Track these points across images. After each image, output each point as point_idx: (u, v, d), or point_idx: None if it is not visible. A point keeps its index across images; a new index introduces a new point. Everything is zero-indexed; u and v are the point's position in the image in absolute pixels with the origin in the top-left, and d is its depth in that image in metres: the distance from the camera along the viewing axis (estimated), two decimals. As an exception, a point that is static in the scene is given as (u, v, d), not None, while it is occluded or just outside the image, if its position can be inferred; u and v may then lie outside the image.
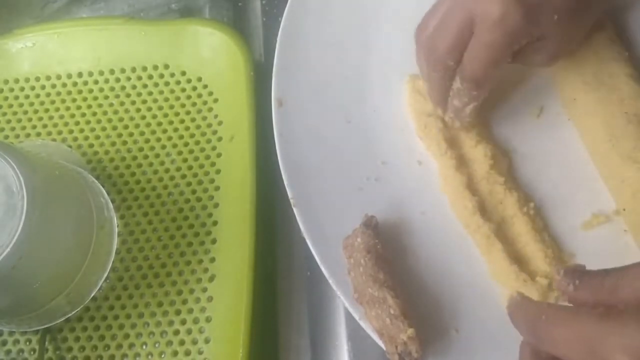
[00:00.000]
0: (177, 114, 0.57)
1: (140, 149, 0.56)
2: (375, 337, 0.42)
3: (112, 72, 0.59)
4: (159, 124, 0.57)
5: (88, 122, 0.58)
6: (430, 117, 0.48)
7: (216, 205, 0.53)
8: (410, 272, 0.45)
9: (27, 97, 0.59)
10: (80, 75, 0.59)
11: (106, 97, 0.59)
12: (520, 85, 0.50)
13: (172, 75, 0.58)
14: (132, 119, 0.58)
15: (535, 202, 0.46)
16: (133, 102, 0.58)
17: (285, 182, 0.47)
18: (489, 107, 0.49)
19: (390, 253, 0.44)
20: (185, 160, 0.55)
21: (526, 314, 0.34)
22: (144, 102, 0.58)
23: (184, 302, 0.51)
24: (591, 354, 0.30)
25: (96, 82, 0.59)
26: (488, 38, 0.41)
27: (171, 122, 0.57)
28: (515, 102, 0.50)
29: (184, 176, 0.55)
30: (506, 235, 0.45)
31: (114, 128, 0.57)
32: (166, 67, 0.59)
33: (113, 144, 0.57)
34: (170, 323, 0.50)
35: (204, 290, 0.51)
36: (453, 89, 0.45)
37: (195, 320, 0.50)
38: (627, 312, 0.31)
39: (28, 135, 0.58)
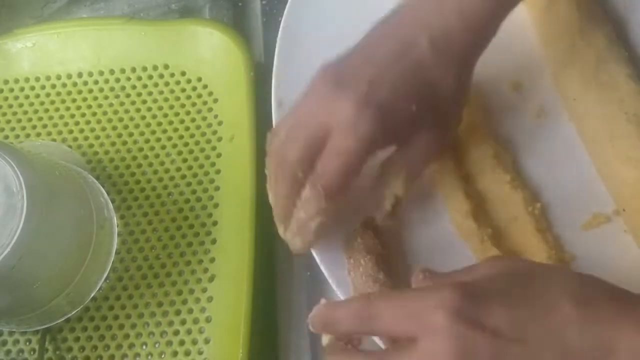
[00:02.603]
0: (177, 114, 0.57)
1: (140, 149, 0.56)
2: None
3: (112, 72, 0.59)
4: (159, 124, 0.57)
5: (88, 122, 0.58)
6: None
7: (216, 206, 0.53)
8: (410, 272, 0.45)
9: (27, 97, 0.59)
10: (80, 75, 0.59)
11: (106, 97, 0.59)
12: (520, 86, 0.50)
13: (172, 75, 0.58)
14: (132, 119, 0.58)
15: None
16: (133, 102, 0.58)
17: (285, 182, 0.47)
18: (489, 107, 0.49)
19: (390, 253, 0.44)
20: (185, 160, 0.55)
21: (347, 310, 0.35)
22: (144, 102, 0.58)
23: (184, 302, 0.51)
24: (414, 318, 0.33)
25: (96, 82, 0.59)
26: (342, 145, 0.39)
27: (171, 122, 0.57)
28: (515, 102, 0.50)
29: (184, 176, 0.55)
30: (506, 236, 0.45)
31: (114, 128, 0.57)
32: (166, 67, 0.59)
33: (113, 144, 0.57)
34: (170, 323, 0.50)
35: (204, 290, 0.51)
36: (301, 199, 0.41)
37: (195, 320, 0.50)
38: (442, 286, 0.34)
39: (28, 135, 0.58)
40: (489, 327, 0.32)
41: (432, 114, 0.41)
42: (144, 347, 0.50)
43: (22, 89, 0.60)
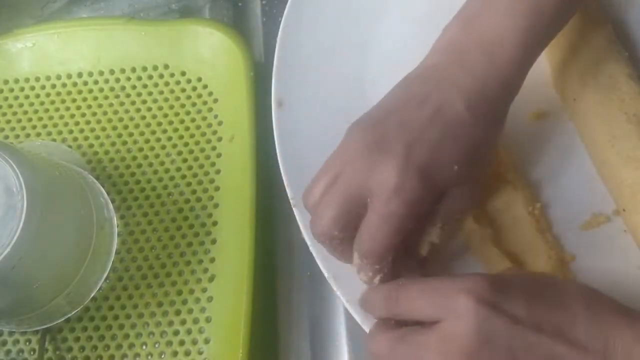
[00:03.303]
0: (177, 114, 0.57)
1: (140, 149, 0.56)
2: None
3: (112, 72, 0.59)
4: (159, 124, 0.57)
5: (88, 122, 0.58)
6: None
7: (216, 206, 0.53)
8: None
9: (27, 97, 0.59)
10: (80, 75, 0.59)
11: (106, 97, 0.59)
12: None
13: (172, 75, 0.58)
14: (132, 119, 0.58)
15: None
16: (133, 102, 0.58)
17: (285, 183, 0.47)
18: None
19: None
20: (185, 160, 0.55)
21: (378, 294, 0.39)
22: (144, 102, 0.58)
23: (184, 302, 0.51)
24: (439, 301, 0.35)
25: (96, 82, 0.59)
26: (387, 209, 0.38)
27: (171, 122, 0.57)
28: (515, 102, 0.50)
29: (184, 176, 0.55)
30: (507, 236, 0.45)
31: (114, 128, 0.57)
32: (166, 67, 0.59)
33: (113, 144, 0.57)
34: (170, 323, 0.50)
35: (204, 290, 0.51)
36: (354, 264, 0.40)
37: (195, 320, 0.50)
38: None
39: (28, 135, 0.58)
40: (509, 313, 0.34)
41: (471, 170, 0.41)
42: (144, 347, 0.50)
43: (22, 89, 0.60)
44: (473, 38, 0.41)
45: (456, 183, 0.40)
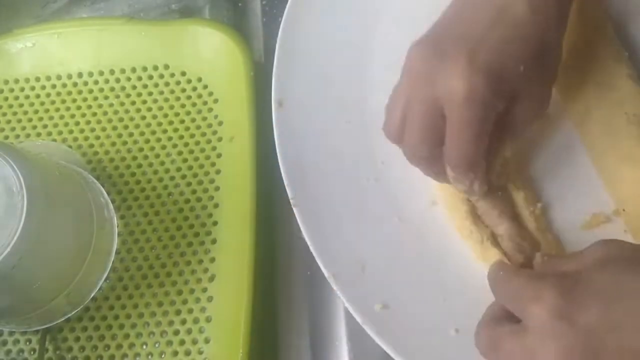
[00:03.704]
0: (177, 114, 0.57)
1: (140, 149, 0.56)
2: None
3: (112, 72, 0.59)
4: (159, 124, 0.57)
5: (88, 122, 0.58)
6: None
7: (216, 206, 0.53)
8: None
9: (27, 97, 0.59)
10: (80, 75, 0.59)
11: (106, 97, 0.59)
12: (520, 85, 0.50)
13: (172, 75, 0.58)
14: (132, 119, 0.58)
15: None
16: (133, 102, 0.58)
17: (285, 182, 0.47)
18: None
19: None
20: (185, 160, 0.55)
21: (489, 275, 0.41)
22: (144, 102, 0.58)
23: (184, 302, 0.51)
24: (519, 303, 0.36)
25: (96, 82, 0.59)
26: (464, 116, 0.38)
27: (171, 122, 0.57)
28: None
29: (184, 176, 0.55)
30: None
31: (114, 128, 0.57)
32: (166, 67, 0.59)
33: (113, 144, 0.57)
34: (170, 323, 0.50)
35: (204, 290, 0.51)
36: (450, 178, 0.42)
37: (195, 320, 0.50)
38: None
39: (28, 135, 0.58)
40: (582, 323, 0.34)
41: (539, 71, 0.41)
42: (144, 347, 0.50)
43: (22, 89, 0.60)
44: None
45: (525, 85, 0.40)
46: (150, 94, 0.58)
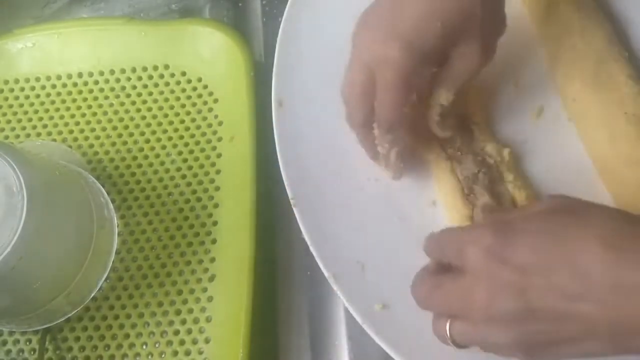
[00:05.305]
0: (177, 114, 0.57)
1: (140, 149, 0.56)
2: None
3: (112, 72, 0.59)
4: (159, 124, 0.57)
5: (88, 122, 0.58)
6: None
7: (216, 205, 0.53)
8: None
9: (27, 97, 0.59)
10: (80, 75, 0.59)
11: (106, 97, 0.59)
12: (520, 85, 0.50)
13: (172, 75, 0.58)
14: (132, 119, 0.58)
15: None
16: (133, 102, 0.58)
17: (285, 182, 0.47)
18: (489, 107, 0.49)
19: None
20: (185, 160, 0.55)
21: (443, 231, 0.41)
22: (144, 102, 0.58)
23: (184, 302, 0.51)
24: (456, 251, 0.37)
25: (96, 82, 0.59)
26: (387, 81, 0.41)
27: (171, 122, 0.57)
28: (515, 102, 0.50)
29: (184, 176, 0.55)
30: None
31: (114, 128, 0.57)
32: (166, 67, 0.59)
33: (113, 144, 0.57)
34: (170, 323, 0.50)
35: (204, 290, 0.51)
36: (377, 142, 0.45)
37: (195, 320, 0.50)
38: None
39: (28, 135, 0.58)
40: (514, 263, 0.35)
41: (464, 27, 0.42)
42: (144, 346, 0.50)
43: (22, 89, 0.60)
44: None
45: (451, 44, 0.42)
46: (150, 94, 0.58)
